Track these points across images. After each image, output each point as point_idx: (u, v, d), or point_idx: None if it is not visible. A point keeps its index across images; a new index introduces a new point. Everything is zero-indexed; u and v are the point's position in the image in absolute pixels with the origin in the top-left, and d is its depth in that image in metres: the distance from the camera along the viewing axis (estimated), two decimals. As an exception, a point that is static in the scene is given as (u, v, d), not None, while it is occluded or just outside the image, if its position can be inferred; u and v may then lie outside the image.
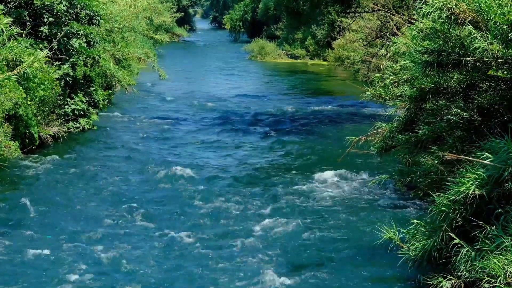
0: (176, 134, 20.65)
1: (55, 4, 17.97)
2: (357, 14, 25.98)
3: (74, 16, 18.76)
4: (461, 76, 10.16)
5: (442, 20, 8.66)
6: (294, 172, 15.60)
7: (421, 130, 10.78)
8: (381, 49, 23.06)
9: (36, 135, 16.33)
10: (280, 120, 23.42)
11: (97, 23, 19.55)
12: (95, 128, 19.99)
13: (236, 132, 21.12)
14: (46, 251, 10.32)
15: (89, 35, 18.89)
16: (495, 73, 8.91)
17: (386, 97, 12.43)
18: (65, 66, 18.37)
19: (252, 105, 26.95)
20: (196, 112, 24.88)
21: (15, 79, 14.77)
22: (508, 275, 6.94)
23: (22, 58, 13.55)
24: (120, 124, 21.87)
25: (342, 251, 10.57)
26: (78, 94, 19.46)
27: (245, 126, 22.10)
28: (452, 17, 8.49)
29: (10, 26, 13.72)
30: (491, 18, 8.17)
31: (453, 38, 8.84)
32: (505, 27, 8.04)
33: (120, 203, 13.05)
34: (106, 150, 17.94)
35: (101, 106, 21.03)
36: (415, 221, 8.88)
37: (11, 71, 13.49)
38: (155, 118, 23.19)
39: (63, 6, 18.11)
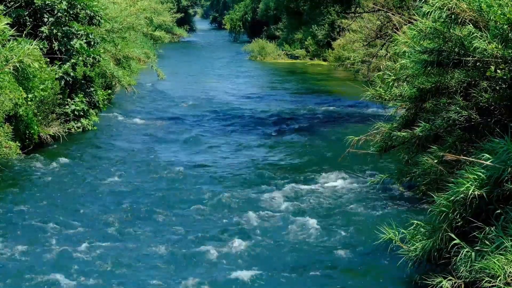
0: (176, 134, 20.63)
1: (56, 4, 17.97)
2: (357, 15, 25.96)
3: (74, 16, 18.76)
4: (461, 76, 10.16)
5: (442, 20, 8.66)
6: (294, 172, 15.58)
7: (420, 128, 10.77)
8: (381, 49, 23.05)
9: (35, 135, 16.32)
10: (279, 120, 23.40)
11: (97, 23, 19.55)
12: (95, 128, 19.98)
13: (236, 132, 21.11)
14: (46, 251, 10.31)
15: (89, 35, 18.89)
16: (493, 74, 8.90)
17: (386, 97, 12.43)
18: (66, 66, 18.37)
19: (252, 105, 26.94)
20: (196, 112, 24.86)
21: (14, 79, 14.78)
22: (508, 275, 6.93)
23: (21, 58, 13.56)
24: (120, 124, 21.86)
25: (342, 251, 10.55)
26: (78, 94, 19.45)
27: (244, 126, 22.09)
28: (452, 16, 8.50)
29: (8, 24, 13.72)
30: (491, 17, 8.17)
31: (453, 37, 8.84)
32: (505, 26, 8.03)
33: (120, 203, 13.04)
34: (106, 150, 17.93)
35: (101, 106, 21.04)
36: (415, 221, 8.88)
37: (9, 69, 13.47)
38: (155, 118, 23.18)
39: (64, 5, 18.11)
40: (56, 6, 17.99)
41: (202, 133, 20.83)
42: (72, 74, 18.66)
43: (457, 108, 9.93)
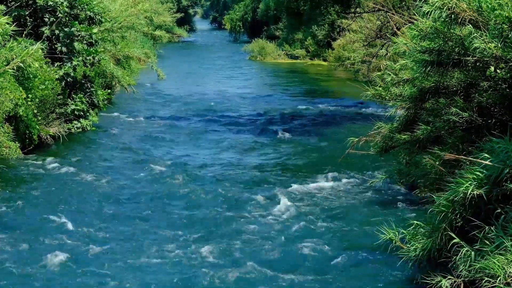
0: (176, 134, 20.63)
1: (58, 5, 17.96)
2: (357, 15, 25.96)
3: (74, 17, 18.76)
4: (461, 76, 10.17)
5: (443, 20, 8.67)
6: (294, 172, 15.58)
7: (420, 130, 10.79)
8: (381, 49, 23.05)
9: (35, 135, 16.32)
10: (279, 120, 23.40)
11: (98, 22, 19.55)
12: (95, 128, 19.98)
13: (236, 132, 21.11)
14: (46, 251, 10.32)
15: (91, 36, 18.89)
16: (493, 74, 8.90)
17: (386, 97, 12.44)
18: (67, 67, 18.38)
19: (252, 105, 26.94)
20: (196, 112, 24.87)
21: (14, 79, 14.79)
22: (508, 275, 6.93)
23: (24, 58, 13.54)
24: (120, 124, 21.86)
25: (342, 251, 10.56)
26: (79, 95, 19.45)
27: (245, 126, 22.10)
28: (452, 16, 8.50)
29: (8, 23, 13.70)
30: (491, 17, 8.17)
31: (453, 37, 8.84)
32: (505, 26, 8.03)
33: (120, 203, 13.05)
34: (106, 150, 17.93)
35: (101, 106, 21.04)
36: (415, 221, 8.88)
37: (12, 69, 13.44)
38: (155, 118, 23.18)
39: (65, 6, 18.11)
40: (58, 7, 17.98)
41: (202, 133, 20.83)
42: (72, 74, 18.67)
43: (457, 110, 9.93)
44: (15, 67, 11.77)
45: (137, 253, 10.45)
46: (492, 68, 8.70)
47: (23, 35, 16.36)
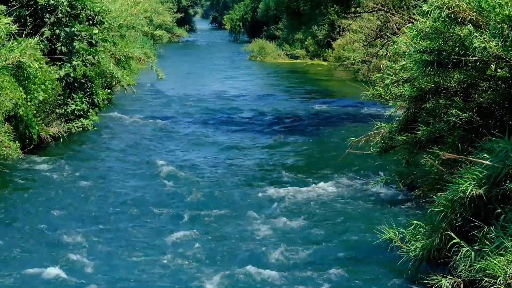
0: (176, 134, 20.63)
1: (59, 4, 17.94)
2: (357, 15, 25.96)
3: (73, 16, 18.75)
4: (461, 76, 10.17)
5: (442, 19, 8.67)
6: (294, 172, 15.57)
7: (420, 131, 10.80)
8: (381, 49, 23.05)
9: (35, 135, 16.31)
10: (279, 120, 23.40)
11: (99, 22, 19.55)
12: (95, 128, 19.98)
13: (236, 132, 21.10)
14: (46, 251, 10.32)
15: (92, 36, 18.89)
16: (493, 73, 8.91)
17: (386, 97, 12.46)
18: (67, 67, 18.37)
19: (252, 105, 26.93)
20: (196, 113, 24.86)
21: (14, 79, 14.78)
22: (508, 276, 6.93)
23: (22, 57, 13.54)
24: (120, 124, 21.86)
25: (342, 251, 10.56)
26: (79, 94, 19.45)
27: (244, 127, 22.09)
28: (452, 16, 8.50)
29: (9, 23, 13.71)
30: (492, 16, 8.18)
31: (453, 37, 8.85)
32: (505, 26, 8.04)
33: (119, 203, 13.04)
34: (106, 150, 17.93)
35: (101, 105, 21.04)
36: (415, 221, 8.89)
37: (12, 63, 13.40)
38: (155, 118, 23.17)
39: (65, 5, 18.10)
40: (59, 7, 17.96)
41: (202, 133, 20.82)
42: (72, 74, 18.66)
43: (457, 111, 9.93)
44: (15, 61, 11.76)
45: (135, 253, 10.44)
46: (493, 67, 8.70)
47: (23, 35, 16.34)
